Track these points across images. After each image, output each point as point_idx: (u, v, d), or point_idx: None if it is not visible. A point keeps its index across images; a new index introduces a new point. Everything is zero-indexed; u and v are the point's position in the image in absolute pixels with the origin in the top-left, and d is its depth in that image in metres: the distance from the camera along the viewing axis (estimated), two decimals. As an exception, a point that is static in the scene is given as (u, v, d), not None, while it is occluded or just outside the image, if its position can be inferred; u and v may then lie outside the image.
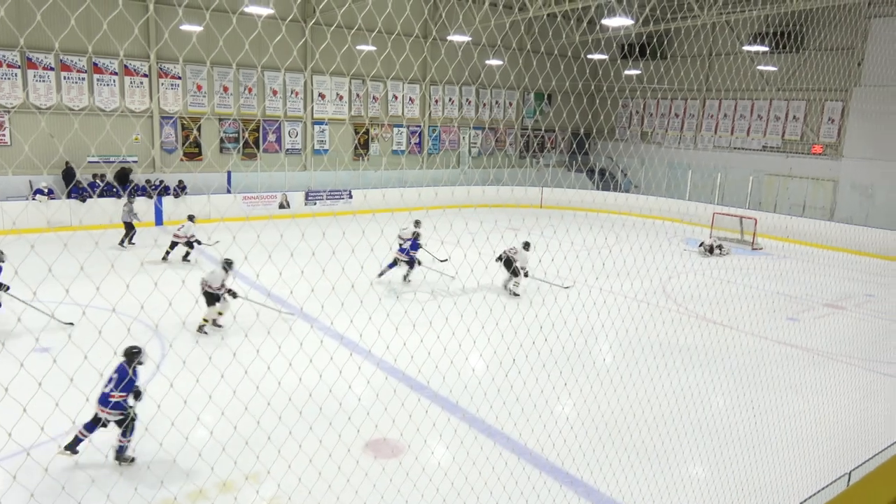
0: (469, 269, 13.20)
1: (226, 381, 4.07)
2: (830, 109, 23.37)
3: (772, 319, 12.23)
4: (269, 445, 5.04)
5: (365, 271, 6.31)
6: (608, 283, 14.15)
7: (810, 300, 13.96)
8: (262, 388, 4.75)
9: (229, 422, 5.23)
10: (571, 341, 8.35)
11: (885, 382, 9.68)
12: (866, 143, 21.80)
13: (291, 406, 5.42)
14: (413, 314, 9.32)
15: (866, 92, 21.84)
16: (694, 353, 9.76)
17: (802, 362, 10.27)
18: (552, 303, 8.24)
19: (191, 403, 4.49)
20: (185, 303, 9.43)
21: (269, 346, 5.71)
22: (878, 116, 21.27)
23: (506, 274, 12.95)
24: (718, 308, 12.46)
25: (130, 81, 19.25)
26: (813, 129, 23.89)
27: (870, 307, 13.86)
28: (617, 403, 7.63)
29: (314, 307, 10.69)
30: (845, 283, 15.54)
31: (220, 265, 9.97)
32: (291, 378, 4.90)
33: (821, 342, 11.25)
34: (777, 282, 15.13)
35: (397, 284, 12.69)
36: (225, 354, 5.79)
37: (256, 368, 4.90)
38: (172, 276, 11.44)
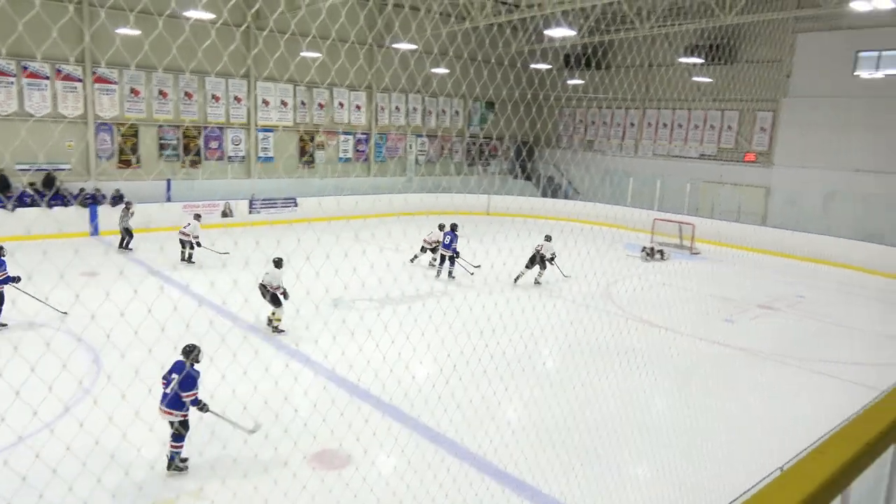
0: (408, 277, 13.20)
1: (153, 396, 3.93)
2: (762, 119, 24.42)
3: (709, 321, 12.64)
4: (201, 461, 4.88)
5: (301, 279, 6.22)
6: (555, 287, 14.38)
7: (745, 302, 14.50)
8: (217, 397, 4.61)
9: (157, 439, 5.03)
10: (513, 346, 8.44)
11: (816, 380, 10.13)
12: (795, 151, 22.87)
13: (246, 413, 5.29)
14: (352, 322, 9.23)
15: (794, 103, 22.94)
16: (635, 355, 9.99)
17: (738, 362, 10.65)
18: (494, 307, 8.31)
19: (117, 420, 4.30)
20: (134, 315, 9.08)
21: (224, 354, 5.54)
22: (805, 126, 22.35)
23: (536, 271, 14.80)
24: (659, 311, 12.80)
25: (63, 86, 18.51)
26: (746, 138, 24.90)
27: (801, 308, 14.50)
28: (559, 407, 7.73)
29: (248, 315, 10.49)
30: (777, 286, 16.22)
31: (272, 265, 10.32)
32: (225, 390, 4.77)
33: (755, 342, 11.69)
34: (714, 285, 15.67)
35: (338, 293, 12.56)
36: (152, 367, 5.53)
37: (211, 377, 4.74)
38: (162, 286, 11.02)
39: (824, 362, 10.88)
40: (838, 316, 13.92)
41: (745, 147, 24.89)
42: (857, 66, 21.35)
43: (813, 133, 21.97)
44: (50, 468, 3.71)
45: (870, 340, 12.34)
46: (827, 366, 10.70)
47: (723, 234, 21.20)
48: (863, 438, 1.21)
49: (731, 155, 25.30)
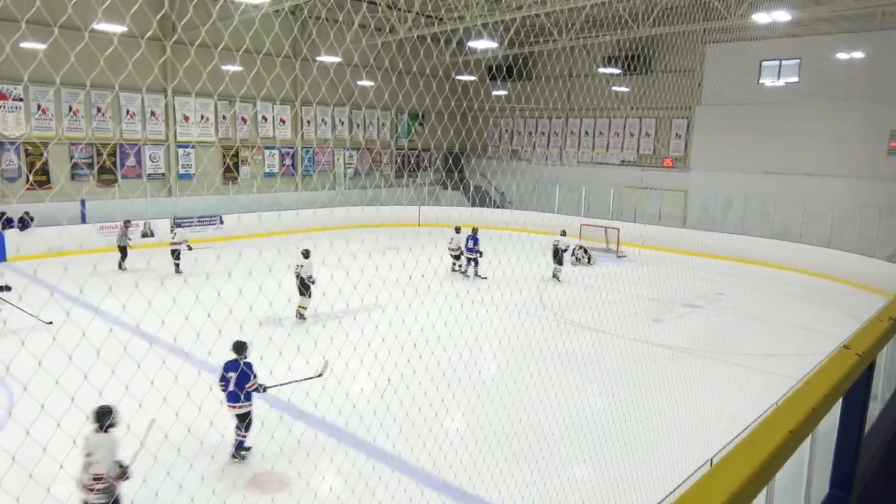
0: (352, 288, 13.03)
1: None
2: (677, 126, 25.56)
3: (638, 321, 13.05)
4: (144, 488, 4.63)
5: (244, 295, 6.01)
6: (489, 295, 14.51)
7: (670, 301, 15.07)
8: (133, 427, 4.38)
9: None
10: (448, 357, 8.44)
11: (739, 372, 10.61)
12: (709, 156, 24.04)
13: (168, 443, 5.04)
14: (279, 339, 9.01)
15: (706, 110, 24.14)
16: (570, 358, 10.19)
17: (667, 360, 11.03)
18: (426, 319, 8.31)
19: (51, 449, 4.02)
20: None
21: (140, 381, 5.25)
22: (717, 132, 23.54)
23: (553, 266, 16.52)
24: (590, 313, 13.12)
25: (-39, 103, 17.36)
26: (663, 144, 25.99)
27: (721, 304, 15.18)
28: (498, 414, 7.78)
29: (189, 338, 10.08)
30: (699, 284, 16.93)
31: (301, 256, 11.71)
32: (142, 419, 4.52)
33: (682, 340, 12.15)
34: (640, 286, 16.20)
35: (263, 310, 12.25)
36: (88, 392, 5.22)
37: (126, 406, 4.49)
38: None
39: (745, 355, 11.41)
40: (756, 311, 14.65)
41: (663, 153, 25.97)
42: (761, 75, 22.69)
43: (725, 138, 23.16)
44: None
45: (786, 333, 13.05)
46: (748, 359, 11.23)
47: (646, 237, 21.99)
48: (785, 428, 1.26)
49: (650, 161, 26.34)
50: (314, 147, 26.48)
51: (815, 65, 20.97)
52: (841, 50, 19.65)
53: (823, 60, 20.34)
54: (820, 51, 20.33)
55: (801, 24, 19.64)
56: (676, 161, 25.57)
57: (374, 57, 24.47)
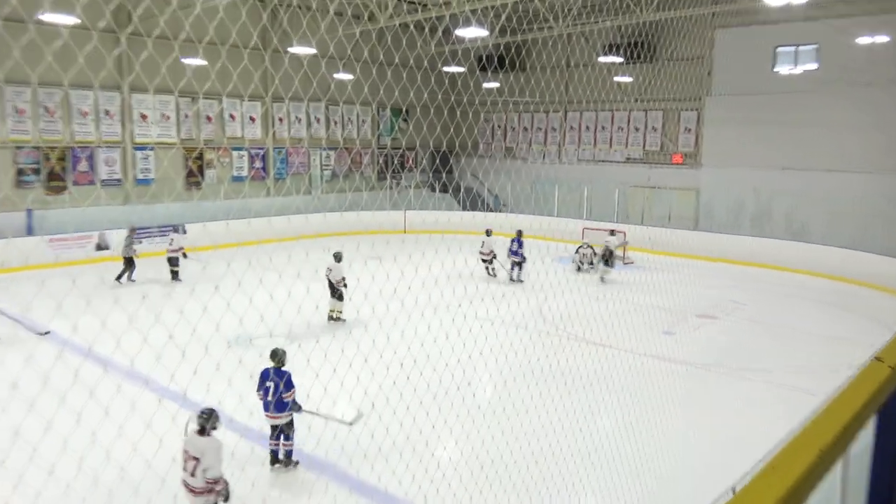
0: (314, 307, 12.99)
1: (40, 455, 3.61)
2: (686, 119, 25.73)
3: (648, 334, 13.06)
4: None
5: (185, 316, 5.92)
6: (483, 308, 14.48)
7: (683, 312, 15.10)
8: (86, 464, 4.30)
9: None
10: (438, 377, 8.39)
11: (760, 389, 10.64)
12: (722, 151, 24.20)
13: (124, 482, 4.97)
14: (250, 363, 8.94)
15: (718, 101, 24.32)
16: (574, 376, 10.17)
17: (680, 376, 11.04)
18: (414, 336, 8.27)
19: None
20: None
21: (93, 410, 5.17)
22: (730, 125, 23.71)
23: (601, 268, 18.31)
24: (595, 327, 13.11)
25: None
26: (671, 139, 26.16)
27: (739, 314, 15.24)
28: (496, 440, 7.74)
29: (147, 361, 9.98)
30: (714, 292, 17.00)
31: (333, 259, 12.78)
32: (97, 453, 4.43)
33: (697, 354, 12.18)
34: (650, 295, 16.24)
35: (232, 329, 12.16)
36: (33, 424, 5.11)
37: (79, 438, 4.39)
38: None
39: (766, 370, 11.44)
40: (777, 320, 14.72)
41: (672, 148, 26.13)
42: (776, 62, 22.91)
43: (738, 132, 23.33)
44: None
45: (810, 343, 13.11)
46: (769, 374, 11.26)
47: (655, 241, 22.10)
48: (814, 449, 1.24)
49: (658, 157, 26.50)
50: (287, 147, 26.43)
51: (834, 50, 21.18)
52: (862, 34, 19.86)
53: (843, 45, 20.54)
54: (839, 35, 20.54)
55: (819, 6, 19.86)
56: (686, 157, 25.73)
57: (353, 47, 24.50)
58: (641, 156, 26.99)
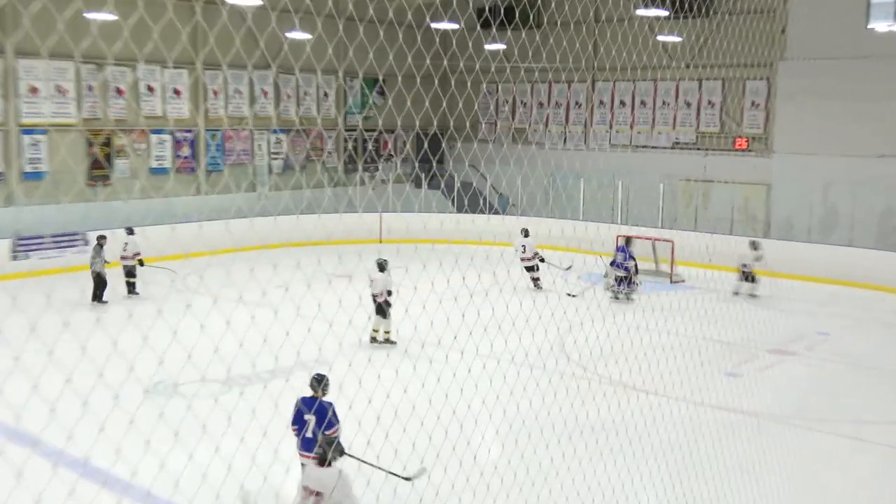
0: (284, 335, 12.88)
1: None
2: (753, 91, 25.87)
3: (705, 377, 13.03)
4: None
5: (89, 355, 5.85)
6: (485, 343, 14.40)
7: (752, 346, 15.09)
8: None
9: None
10: (427, 434, 8.33)
11: (849, 447, 10.62)
12: (800, 133, 24.27)
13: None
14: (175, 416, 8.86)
15: (794, 67, 24.43)
16: (608, 433, 10.13)
17: (750, 432, 11.01)
18: (395, 379, 8.21)
19: None
20: None
21: None
22: (810, 98, 23.80)
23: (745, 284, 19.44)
24: (634, 367, 13.07)
25: None
26: (734, 117, 26.27)
27: (826, 349, 15.25)
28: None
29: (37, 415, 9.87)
30: (793, 320, 17.01)
31: (376, 269, 13.72)
32: None
33: (770, 403, 12.15)
34: (707, 324, 16.21)
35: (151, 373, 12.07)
36: None
37: None
38: None
39: (858, 424, 11.44)
40: (875, 358, 14.72)
41: (735, 130, 26.25)
42: (870, 16, 23.05)
43: (822, 107, 23.43)
44: None
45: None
46: (861, 428, 11.25)
47: (714, 253, 22.11)
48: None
49: (716, 142, 26.60)
50: (224, 129, 26.38)
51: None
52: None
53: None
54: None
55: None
56: (753, 141, 25.85)
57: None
58: (694, 139, 27.09)
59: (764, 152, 25.47)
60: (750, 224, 24.84)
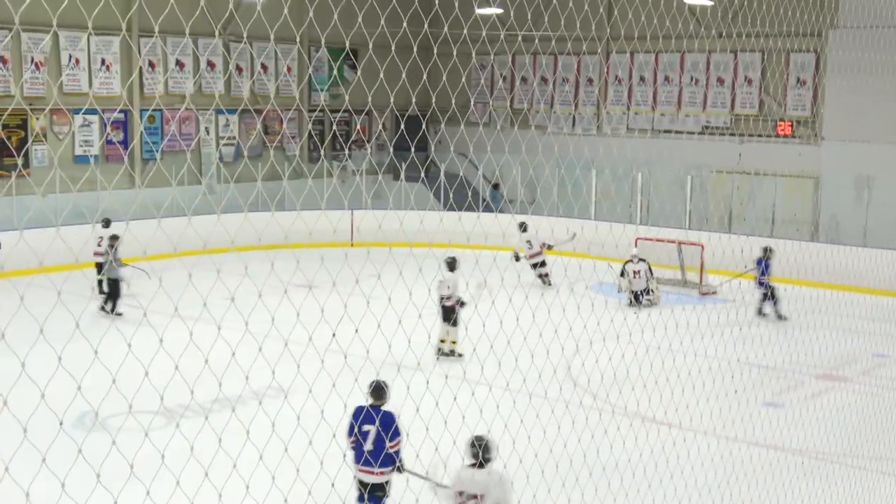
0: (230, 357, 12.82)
1: None
2: (799, 65, 25.98)
3: (741, 407, 13.05)
4: None
5: (34, 373, 5.76)
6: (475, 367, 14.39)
7: (796, 371, 15.15)
8: None
9: None
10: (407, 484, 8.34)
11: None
12: (854, 116, 24.36)
13: None
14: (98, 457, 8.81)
15: (847, 36, 24.49)
16: (625, 472, 10.11)
17: (794, 472, 11.03)
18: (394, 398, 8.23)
19: None
20: None
21: None
22: (864, 76, 23.89)
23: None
24: (657, 396, 13.07)
25: None
26: (776, 97, 26.35)
27: (883, 373, 15.29)
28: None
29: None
30: (844, 339, 17.00)
31: (445, 267, 14.09)
32: None
33: (818, 438, 12.16)
34: (743, 345, 16.25)
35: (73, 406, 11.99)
36: None
37: None
38: None
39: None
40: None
41: (778, 112, 26.33)
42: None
43: (879, 87, 23.51)
44: None
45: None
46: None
47: (751, 259, 22.18)
48: None
49: (755, 126, 26.66)
50: (162, 109, 26.33)
51: None
52: None
53: None
54: None
55: None
56: (799, 126, 25.96)
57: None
58: (728, 123, 27.19)
59: (811, 139, 25.57)
60: (794, 225, 24.91)
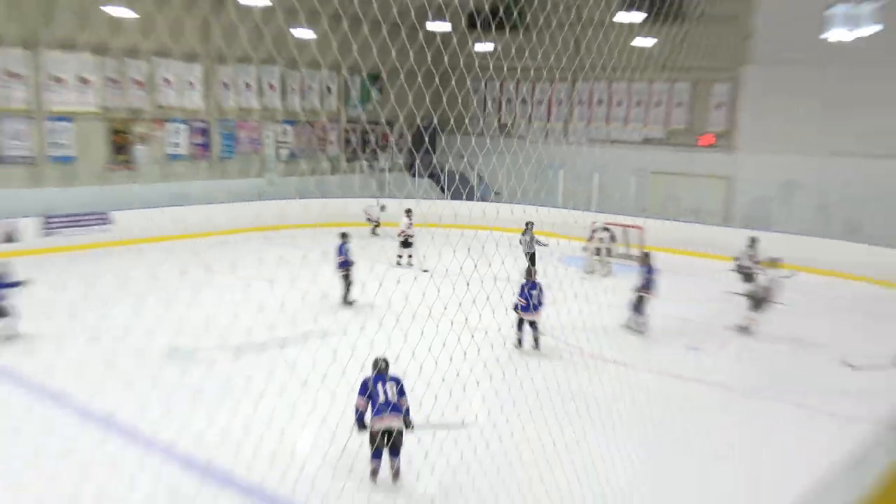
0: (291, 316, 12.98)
1: None
2: (719, 92, 25.99)
3: (671, 350, 13.25)
4: None
5: (113, 321, 5.90)
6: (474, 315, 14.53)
7: (713, 323, 15.31)
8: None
9: None
10: (419, 402, 8.44)
11: (803, 417, 10.83)
12: (761, 132, 24.43)
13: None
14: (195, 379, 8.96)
15: (757, 71, 24.56)
16: (581, 402, 10.25)
17: (711, 402, 11.23)
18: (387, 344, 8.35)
19: None
20: None
21: None
22: (771, 100, 23.95)
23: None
24: (605, 340, 13.26)
25: None
26: (701, 116, 26.39)
27: (778, 326, 15.43)
28: (489, 475, 7.81)
29: (65, 375, 9.95)
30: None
31: None
32: (42, 481, 4.43)
33: (729, 374, 12.37)
34: (673, 303, 16.40)
35: (171, 340, 12.14)
36: None
37: None
38: None
39: (808, 392, 11.67)
40: (820, 335, 14.94)
41: (701, 128, 26.38)
42: (828, 25, 23.10)
43: (782, 109, 23.56)
44: None
45: (859, 363, 13.33)
46: (809, 397, 11.49)
47: (679, 239, 22.33)
48: None
49: (684, 138, 26.72)
50: (235, 119, 26.38)
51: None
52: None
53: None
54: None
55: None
56: (718, 138, 25.98)
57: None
58: (664, 136, 27.21)
59: (728, 149, 25.62)
60: (711, 214, 25.02)
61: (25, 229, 19.90)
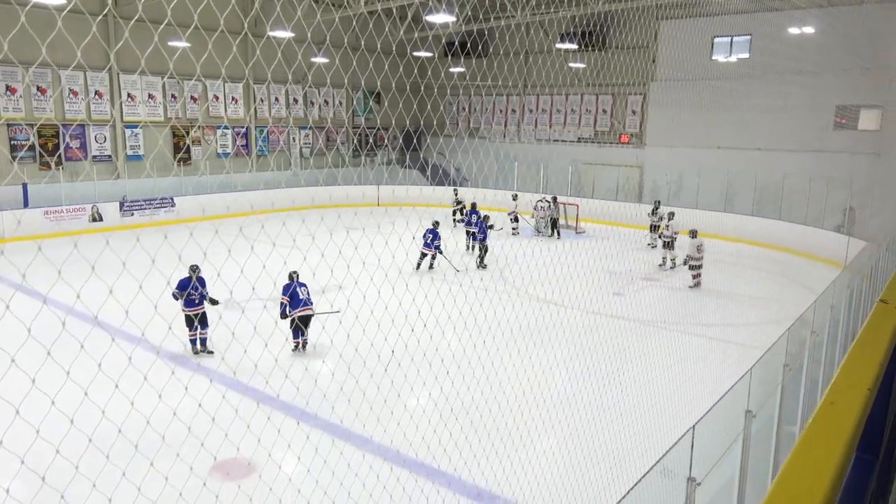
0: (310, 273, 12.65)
1: (22, 418, 3.29)
2: (633, 102, 25.69)
3: (600, 295, 13.11)
4: (95, 495, 4.12)
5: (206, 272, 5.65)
6: (451, 273, 14.35)
7: (630, 275, 15.21)
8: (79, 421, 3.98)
9: (31, 470, 4.27)
10: (416, 338, 8.22)
11: (700, 342, 10.74)
12: (664, 131, 24.25)
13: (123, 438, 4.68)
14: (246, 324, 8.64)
15: (661, 86, 24.29)
16: (535, 332, 10.13)
17: (630, 332, 11.10)
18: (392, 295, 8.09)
19: None
20: None
21: (85, 364, 4.73)
22: (671, 108, 23.71)
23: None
24: (552, 288, 13.10)
25: None
26: (619, 120, 26.11)
27: (678, 277, 15.38)
28: (466, 392, 7.63)
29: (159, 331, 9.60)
30: (657, 257, 17.10)
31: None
32: (91, 410, 3.98)
33: (644, 312, 12.25)
34: (600, 260, 16.28)
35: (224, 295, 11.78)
36: (17, 379, 4.62)
37: (68, 396, 3.98)
38: None
39: (704, 325, 11.58)
40: (713, 283, 14.89)
41: (620, 129, 26.11)
42: (713, 51, 22.89)
43: (679, 114, 23.35)
44: None
45: (742, 304, 13.29)
46: (707, 329, 11.40)
47: (604, 213, 22.15)
48: (864, 385, 1.10)
49: (607, 137, 26.46)
50: (268, 126, 25.74)
51: (765, 41, 21.23)
52: (791, 25, 19.92)
53: (774, 37, 20.61)
54: (770, 27, 20.58)
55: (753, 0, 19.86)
56: (632, 137, 25.75)
57: (331, 33, 23.77)
58: (592, 135, 26.93)
59: (639, 145, 25.40)
60: (627, 194, 24.87)
61: (108, 211, 19.30)
